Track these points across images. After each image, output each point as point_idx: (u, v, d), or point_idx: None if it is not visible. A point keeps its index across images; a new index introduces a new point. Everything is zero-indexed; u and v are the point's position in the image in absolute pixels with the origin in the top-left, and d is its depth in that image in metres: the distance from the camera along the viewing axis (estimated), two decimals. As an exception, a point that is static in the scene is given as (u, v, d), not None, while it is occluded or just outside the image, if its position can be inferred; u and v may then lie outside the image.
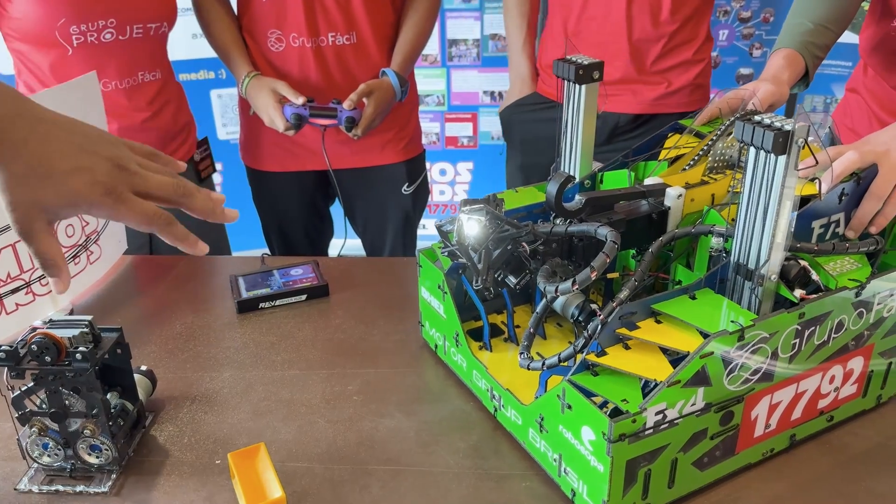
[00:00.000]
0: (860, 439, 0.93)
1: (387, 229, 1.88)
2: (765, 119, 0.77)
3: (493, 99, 2.79)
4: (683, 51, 1.58)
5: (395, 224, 1.87)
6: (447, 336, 1.04)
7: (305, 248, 1.90)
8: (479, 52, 2.72)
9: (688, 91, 1.62)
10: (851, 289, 0.84)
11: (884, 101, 1.32)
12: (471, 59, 2.73)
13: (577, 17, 1.63)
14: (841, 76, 2.53)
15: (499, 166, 2.89)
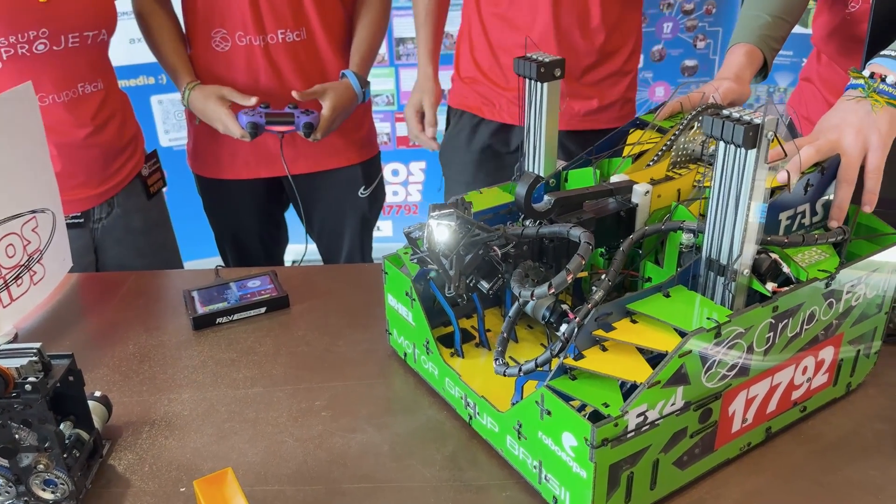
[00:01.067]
0: (833, 428, 0.94)
1: (343, 234, 1.84)
2: (733, 113, 0.76)
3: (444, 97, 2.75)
4: (613, 61, 1.55)
5: (351, 228, 1.83)
6: (417, 344, 1.01)
7: (261, 256, 1.85)
8: (431, 49, 2.69)
9: (619, 106, 1.58)
10: (822, 279, 0.84)
11: (838, 89, 1.33)
12: (419, 58, 2.69)
13: (500, 26, 1.56)
14: (783, 66, 2.58)
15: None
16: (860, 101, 0.92)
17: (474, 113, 1.66)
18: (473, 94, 1.66)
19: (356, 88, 1.60)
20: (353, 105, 1.62)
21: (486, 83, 1.62)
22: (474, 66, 1.63)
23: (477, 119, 1.66)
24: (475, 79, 1.64)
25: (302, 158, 1.67)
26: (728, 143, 0.76)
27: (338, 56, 1.64)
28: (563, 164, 1.05)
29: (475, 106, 1.66)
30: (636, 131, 1.09)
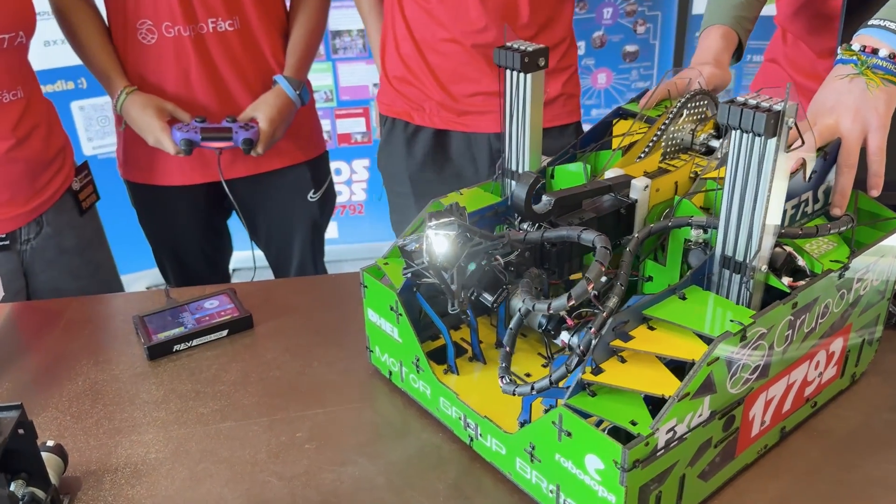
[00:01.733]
0: (843, 421, 0.90)
1: (293, 241, 1.73)
2: (749, 100, 0.71)
3: (382, 90, 2.67)
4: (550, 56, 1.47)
5: (302, 234, 1.72)
6: (404, 361, 0.93)
7: (204, 269, 1.73)
8: (365, 43, 2.59)
9: (560, 103, 1.50)
10: (836, 270, 0.80)
11: (805, 69, 1.32)
12: (356, 51, 2.59)
13: (425, 22, 1.45)
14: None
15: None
16: (853, 80, 0.88)
17: (406, 120, 1.54)
18: (401, 99, 1.53)
19: (291, 95, 1.49)
20: (292, 112, 1.51)
21: (415, 84, 1.51)
22: (402, 64, 1.51)
23: (411, 127, 1.54)
24: (404, 78, 1.52)
25: (242, 161, 1.56)
26: (746, 133, 0.71)
27: (275, 46, 1.52)
28: (547, 159, 0.98)
29: (404, 111, 1.53)
30: (620, 121, 1.04)
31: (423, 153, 1.55)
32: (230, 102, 1.50)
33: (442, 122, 1.51)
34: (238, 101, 1.50)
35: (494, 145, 1.49)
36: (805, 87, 1.33)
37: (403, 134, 1.55)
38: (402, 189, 1.60)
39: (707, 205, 0.88)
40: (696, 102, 0.98)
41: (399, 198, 1.62)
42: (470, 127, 1.49)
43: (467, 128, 1.49)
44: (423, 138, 1.54)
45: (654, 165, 0.94)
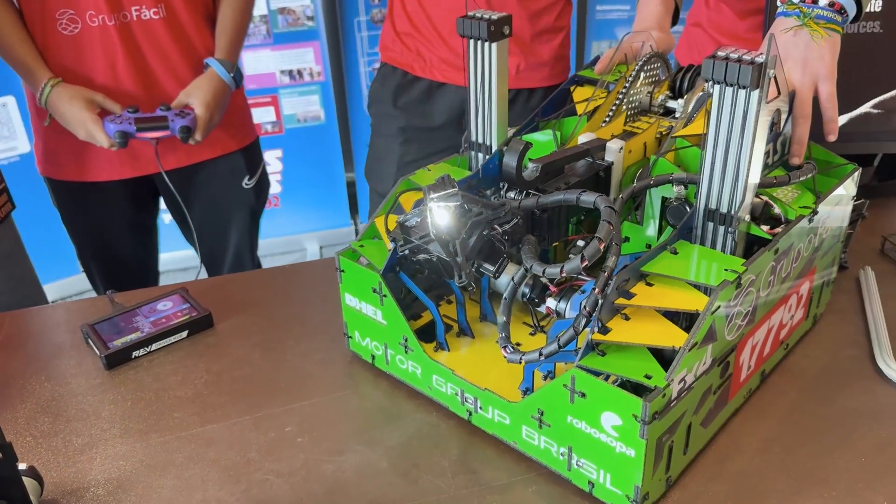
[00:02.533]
0: (812, 360, 0.96)
1: (229, 231, 1.66)
2: (731, 54, 0.73)
3: (293, 78, 2.59)
4: (545, 16, 1.50)
5: (238, 224, 1.66)
6: (390, 343, 0.91)
7: (134, 271, 1.63)
8: (269, 28, 2.51)
9: (551, 63, 1.53)
10: (806, 216, 0.84)
11: (728, 30, 1.38)
12: (261, 38, 2.50)
13: None
14: (622, 20, 2.67)
15: (312, 149, 2.72)
16: (798, 32, 0.92)
17: (406, 70, 1.56)
18: (405, 50, 1.55)
19: (224, 77, 1.43)
20: (227, 95, 1.45)
21: (418, 38, 1.53)
22: (407, 20, 1.53)
23: (409, 77, 1.56)
24: (409, 33, 1.54)
25: (173, 152, 1.48)
26: (730, 86, 0.73)
27: (203, 33, 1.45)
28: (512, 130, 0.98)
29: (406, 62, 1.55)
30: (578, 88, 1.05)
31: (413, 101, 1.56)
32: (159, 92, 1.43)
33: (441, 75, 1.52)
34: (167, 90, 1.43)
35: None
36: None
37: (402, 80, 1.56)
38: (386, 131, 1.61)
39: (677, 162, 0.90)
40: (651, 65, 1.00)
41: (381, 139, 1.64)
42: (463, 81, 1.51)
43: (460, 82, 1.50)
44: (417, 88, 1.56)
45: (619, 129, 0.96)
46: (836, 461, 0.81)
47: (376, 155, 1.67)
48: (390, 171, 1.62)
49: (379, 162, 1.66)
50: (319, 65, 2.59)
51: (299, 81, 2.61)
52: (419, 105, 1.56)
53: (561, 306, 0.82)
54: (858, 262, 1.13)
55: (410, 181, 0.96)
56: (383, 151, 1.63)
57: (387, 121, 1.59)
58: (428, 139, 1.57)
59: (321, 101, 2.63)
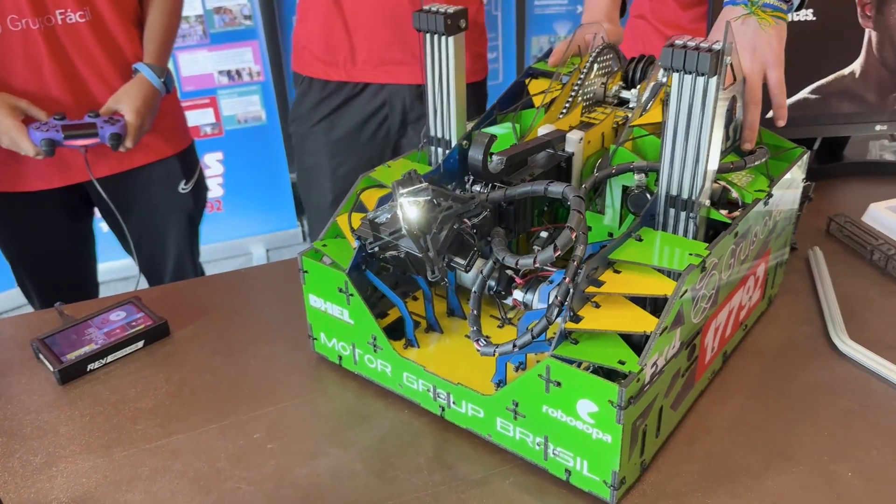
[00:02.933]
0: (770, 339, 0.98)
1: (167, 239, 1.62)
2: (688, 42, 0.74)
3: (232, 78, 2.54)
4: None
5: (177, 230, 1.61)
6: (358, 343, 0.90)
7: (72, 282, 1.58)
8: (206, 28, 2.45)
9: (470, 61, 1.51)
10: (762, 199, 0.87)
11: (672, 22, 1.41)
12: (197, 38, 2.44)
13: None
14: (559, 14, 2.70)
15: (255, 150, 2.67)
16: (745, 21, 0.95)
17: (323, 78, 1.53)
18: (319, 56, 1.52)
19: (154, 82, 1.39)
20: (157, 101, 1.41)
21: (334, 40, 1.50)
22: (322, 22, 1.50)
23: (330, 85, 1.53)
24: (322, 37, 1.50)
25: (104, 159, 1.43)
26: (689, 74, 0.74)
27: (131, 38, 1.41)
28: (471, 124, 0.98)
29: (321, 70, 1.52)
30: (533, 81, 1.05)
31: (336, 110, 1.54)
32: (87, 98, 1.38)
33: (361, 76, 1.50)
34: (95, 96, 1.38)
35: (409, 98, 1.49)
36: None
37: (321, 91, 1.53)
38: (313, 148, 1.57)
39: (635, 151, 0.92)
40: (604, 57, 1.01)
41: (309, 157, 1.60)
42: (388, 78, 1.48)
43: (385, 80, 1.48)
44: (338, 95, 1.53)
45: (576, 120, 0.97)
46: (801, 436, 0.83)
47: (307, 174, 1.64)
48: (325, 186, 1.60)
49: (312, 180, 1.63)
50: (259, 64, 2.55)
51: (238, 82, 2.56)
52: (342, 113, 1.54)
53: (528, 297, 0.82)
54: (806, 243, 1.17)
55: (371, 178, 0.95)
56: (314, 169, 1.61)
57: (312, 138, 1.57)
58: (358, 147, 1.55)
59: (262, 102, 2.59)
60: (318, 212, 1.67)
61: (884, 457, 0.80)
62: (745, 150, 0.95)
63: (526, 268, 0.72)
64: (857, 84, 1.31)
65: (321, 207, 1.64)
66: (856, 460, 0.80)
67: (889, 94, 1.32)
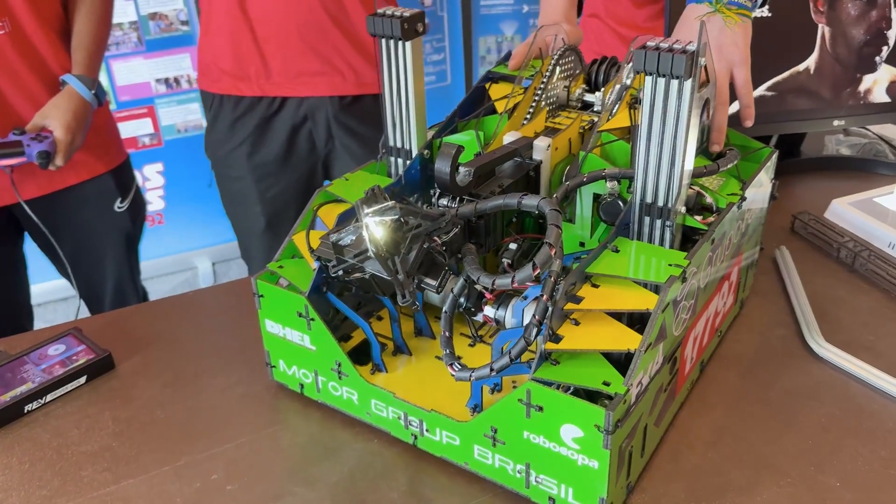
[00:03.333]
0: (745, 345, 0.96)
1: (105, 260, 1.52)
2: (661, 44, 0.71)
3: (170, 86, 2.43)
4: None
5: (115, 251, 1.52)
6: (321, 370, 0.84)
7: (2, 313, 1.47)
8: (141, 35, 2.34)
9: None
10: (735, 203, 0.84)
11: (626, 21, 1.39)
12: (132, 46, 2.33)
13: None
14: (506, 14, 2.67)
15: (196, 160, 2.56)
16: (710, 19, 0.92)
17: (235, 94, 1.42)
18: (229, 71, 1.40)
19: (85, 94, 1.30)
20: (89, 114, 1.32)
21: (245, 54, 1.38)
22: (229, 35, 1.38)
23: (243, 102, 1.42)
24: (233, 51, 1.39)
25: (32, 179, 1.34)
26: (662, 76, 0.71)
27: (56, 48, 1.32)
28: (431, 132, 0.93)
29: (231, 85, 1.41)
30: (493, 85, 1.01)
31: (256, 129, 1.43)
32: (10, 114, 1.29)
33: (274, 89, 1.40)
34: (20, 112, 1.29)
35: (332, 111, 1.41)
36: (627, 38, 1.39)
37: (233, 112, 1.42)
38: (237, 173, 1.46)
39: (603, 157, 0.88)
40: (566, 59, 0.98)
41: (234, 183, 1.49)
42: (306, 91, 1.40)
43: (303, 93, 1.40)
44: (254, 112, 1.42)
45: (541, 126, 0.93)
46: (786, 446, 0.81)
47: (234, 199, 1.53)
48: (255, 211, 1.50)
49: (240, 206, 1.53)
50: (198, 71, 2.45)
51: (177, 90, 2.45)
52: (263, 132, 1.43)
53: (500, 314, 0.78)
54: (772, 242, 1.15)
55: (328, 192, 0.89)
56: (241, 195, 1.50)
57: (234, 162, 1.46)
58: (287, 167, 1.46)
59: (201, 109, 2.49)
60: (250, 237, 1.57)
61: (869, 464, 0.78)
62: (713, 152, 0.92)
63: (503, 288, 0.67)
64: (812, 80, 1.31)
65: (254, 233, 1.54)
66: (842, 469, 0.78)
67: (843, 88, 1.32)
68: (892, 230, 1.11)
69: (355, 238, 0.66)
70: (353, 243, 0.66)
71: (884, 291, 1.04)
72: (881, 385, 0.87)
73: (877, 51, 1.30)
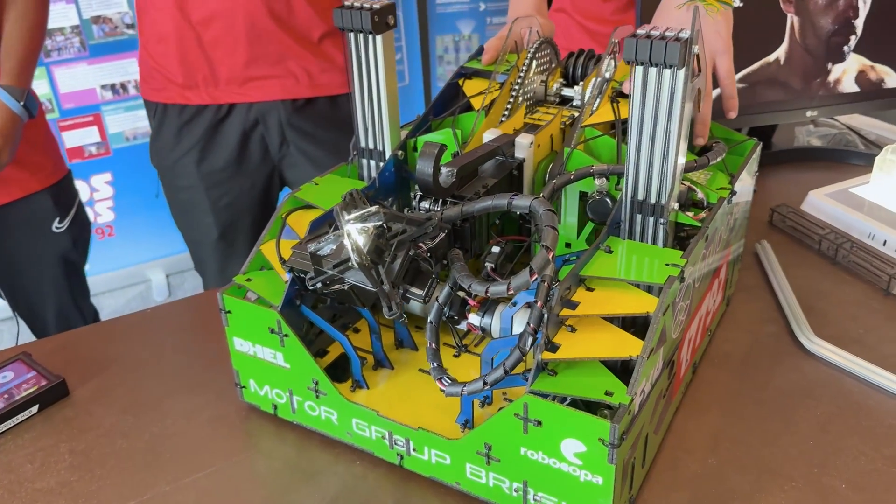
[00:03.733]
0: (735, 344, 0.93)
1: (43, 286, 1.43)
2: (652, 32, 0.67)
3: (117, 93, 2.33)
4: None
5: (54, 276, 1.42)
6: (297, 389, 0.79)
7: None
8: (84, 40, 2.23)
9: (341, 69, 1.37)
10: (725, 198, 0.81)
11: (593, 15, 1.35)
12: (74, 51, 2.22)
13: None
14: (462, 13, 2.63)
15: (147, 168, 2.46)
16: (690, 7, 0.89)
17: (180, 103, 1.34)
18: (173, 78, 1.33)
19: (13, 107, 1.21)
20: (18, 128, 1.22)
21: (189, 59, 1.31)
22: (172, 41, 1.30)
23: (188, 110, 1.34)
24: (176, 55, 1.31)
25: None
26: (655, 66, 0.67)
27: None
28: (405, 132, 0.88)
29: (177, 93, 1.33)
30: (467, 81, 0.97)
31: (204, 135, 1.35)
32: None
33: (223, 96, 1.33)
34: None
35: (284, 115, 1.34)
36: (594, 31, 1.36)
37: (179, 118, 1.34)
38: (186, 182, 1.39)
39: (588, 153, 0.84)
40: (542, 52, 0.94)
41: (183, 192, 1.41)
42: (258, 96, 1.33)
43: (255, 98, 1.33)
44: (202, 118, 1.34)
45: (520, 122, 0.88)
46: (787, 448, 0.78)
47: (183, 210, 1.45)
48: (207, 222, 1.42)
49: (190, 216, 1.45)
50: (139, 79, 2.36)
51: (124, 96, 2.35)
52: (212, 139, 1.36)
53: (486, 322, 0.73)
54: (751, 236, 1.13)
55: (298, 198, 0.83)
56: (189, 204, 1.43)
57: (182, 171, 1.38)
58: (239, 175, 1.38)
59: (151, 116, 2.39)
60: (203, 249, 1.48)
61: (872, 462, 0.76)
62: (697, 145, 0.89)
63: (499, 296, 0.62)
64: (783, 71, 1.29)
65: (206, 244, 1.45)
66: (846, 470, 0.75)
67: (814, 79, 1.31)
68: (871, 220, 1.10)
69: (335, 247, 0.60)
70: (332, 253, 0.61)
71: (868, 283, 1.02)
72: (876, 380, 0.85)
73: (845, 40, 1.29)
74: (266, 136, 1.36)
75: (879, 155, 1.15)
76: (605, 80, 0.88)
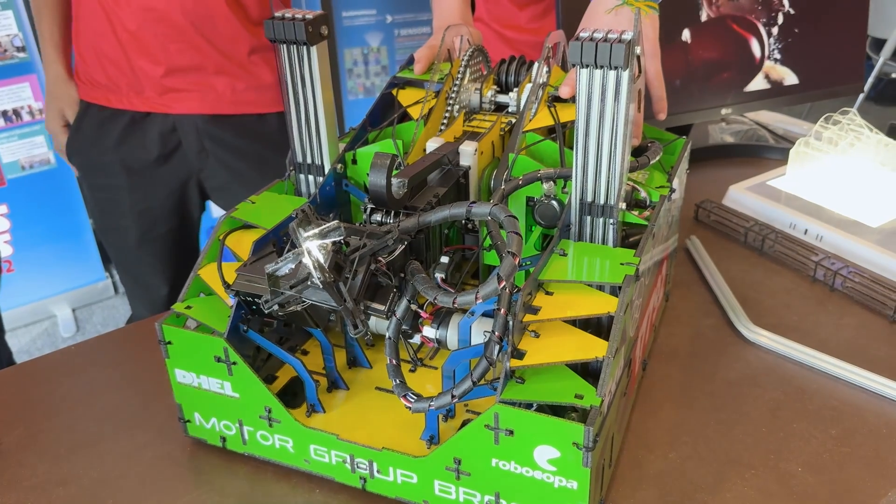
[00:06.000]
0: (679, 339, 0.95)
1: None
2: (595, 34, 0.68)
3: (9, 120, 2.19)
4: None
5: None
6: (247, 419, 0.75)
7: None
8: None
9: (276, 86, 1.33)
10: (666, 196, 0.82)
11: (509, 23, 1.36)
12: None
13: None
14: (369, 25, 2.61)
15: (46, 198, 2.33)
16: (619, 11, 0.91)
17: (102, 104, 1.32)
18: (98, 81, 1.32)
19: None
20: None
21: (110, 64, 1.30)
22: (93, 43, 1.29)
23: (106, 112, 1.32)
24: (98, 59, 1.30)
25: None
26: (599, 68, 0.67)
27: None
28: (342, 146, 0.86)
29: (101, 95, 1.32)
30: (400, 91, 0.95)
31: (126, 129, 1.33)
32: None
33: (143, 104, 1.30)
34: None
35: (202, 128, 1.31)
36: (511, 39, 1.38)
37: (100, 114, 1.33)
38: (107, 178, 1.36)
39: (531, 157, 0.84)
40: (475, 60, 0.93)
41: (103, 191, 1.39)
42: (178, 108, 1.29)
43: (170, 109, 1.30)
44: (120, 121, 1.32)
45: (459, 130, 0.88)
46: (742, 437, 0.79)
47: (102, 210, 1.43)
48: (126, 224, 1.39)
49: (108, 217, 1.42)
50: (40, 101, 2.22)
51: (18, 123, 2.21)
52: (132, 139, 1.33)
53: (441, 334, 0.72)
54: (680, 233, 1.16)
55: (234, 219, 0.80)
56: (109, 204, 1.40)
57: (102, 167, 1.35)
58: (157, 176, 1.36)
59: (48, 143, 2.26)
60: (123, 254, 1.45)
61: (823, 444, 0.78)
62: (632, 146, 0.91)
63: (466, 305, 0.61)
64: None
65: (126, 248, 1.42)
66: (800, 453, 0.77)
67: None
68: (791, 211, 1.14)
69: (294, 266, 0.57)
70: (291, 272, 0.58)
71: (795, 271, 1.07)
72: (817, 364, 0.88)
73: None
74: (184, 142, 1.32)
75: (793, 148, 1.21)
76: (539, 85, 0.88)
